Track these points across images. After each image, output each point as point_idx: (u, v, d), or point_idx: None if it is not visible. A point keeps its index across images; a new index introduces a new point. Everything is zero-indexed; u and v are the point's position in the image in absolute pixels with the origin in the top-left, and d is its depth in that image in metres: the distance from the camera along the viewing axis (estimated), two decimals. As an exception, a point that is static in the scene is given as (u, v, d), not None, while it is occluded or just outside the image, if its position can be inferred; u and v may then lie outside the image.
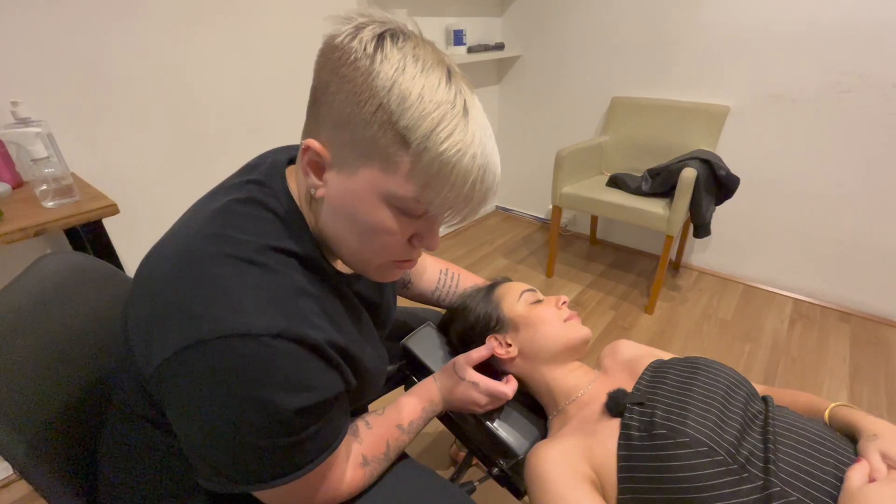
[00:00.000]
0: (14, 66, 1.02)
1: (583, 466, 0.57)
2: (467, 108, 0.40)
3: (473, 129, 0.40)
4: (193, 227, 0.44)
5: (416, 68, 0.38)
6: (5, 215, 0.85)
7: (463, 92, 0.40)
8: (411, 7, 1.87)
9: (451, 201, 0.41)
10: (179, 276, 0.41)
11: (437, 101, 0.38)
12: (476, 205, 0.43)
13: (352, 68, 0.38)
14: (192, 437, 0.42)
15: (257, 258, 0.42)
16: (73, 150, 1.12)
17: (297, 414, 0.42)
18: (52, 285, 0.61)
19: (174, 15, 1.24)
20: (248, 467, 0.43)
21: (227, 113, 1.45)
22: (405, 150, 0.38)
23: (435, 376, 0.70)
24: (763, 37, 1.70)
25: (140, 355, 0.43)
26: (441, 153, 0.38)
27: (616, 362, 0.74)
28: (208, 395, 0.39)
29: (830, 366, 1.58)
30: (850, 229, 1.76)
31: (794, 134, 1.75)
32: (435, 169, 0.39)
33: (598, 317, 1.86)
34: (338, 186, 0.42)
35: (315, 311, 0.45)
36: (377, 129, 0.38)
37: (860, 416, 0.55)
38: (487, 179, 0.42)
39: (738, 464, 0.50)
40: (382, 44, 0.38)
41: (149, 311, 0.41)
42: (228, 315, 0.39)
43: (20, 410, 0.50)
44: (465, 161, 0.39)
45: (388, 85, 0.37)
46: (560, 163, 1.86)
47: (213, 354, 0.38)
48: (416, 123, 0.37)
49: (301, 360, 0.42)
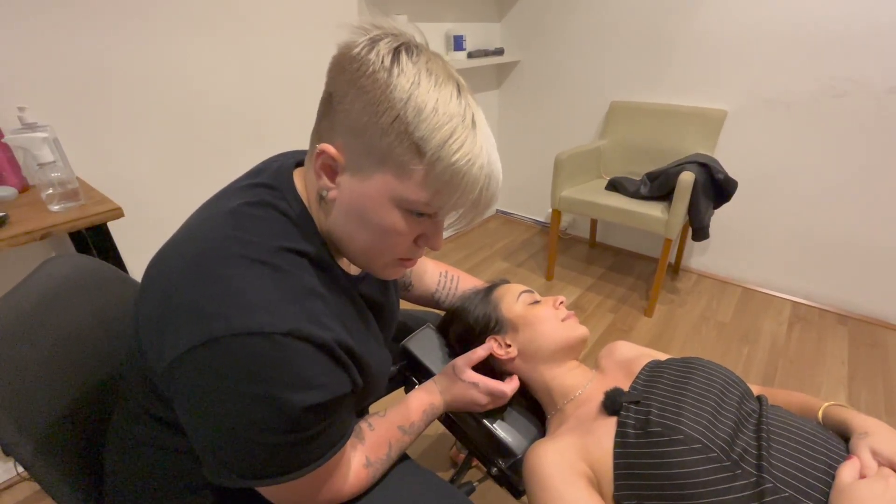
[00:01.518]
0: (21, 72, 1.04)
1: (580, 464, 0.58)
2: (475, 121, 0.43)
3: (481, 140, 0.43)
4: (205, 229, 0.46)
5: (430, 82, 0.41)
6: (12, 219, 0.87)
7: (471, 105, 0.43)
8: (411, 13, 1.89)
9: (459, 206, 0.44)
10: (192, 276, 0.42)
11: (449, 114, 0.41)
12: (482, 209, 0.46)
13: (370, 80, 0.40)
14: (200, 432, 0.43)
15: (269, 259, 0.43)
16: (78, 155, 1.14)
17: (305, 412, 0.43)
18: (59, 287, 0.62)
19: (178, 22, 1.26)
20: (254, 463, 0.44)
21: (230, 118, 1.47)
22: (420, 160, 0.41)
23: (435, 378, 0.71)
24: (759, 41, 1.72)
25: (151, 352, 0.44)
26: (453, 163, 0.41)
27: (613, 362, 0.75)
28: (218, 392, 0.40)
29: (828, 368, 1.59)
30: (847, 232, 1.77)
31: (791, 137, 1.77)
32: (447, 177, 0.42)
33: (598, 319, 1.87)
34: (351, 190, 0.44)
35: (324, 311, 0.46)
36: (394, 139, 0.41)
37: (852, 415, 0.56)
38: (492, 186, 0.45)
39: (732, 461, 0.51)
40: (398, 57, 0.41)
41: (161, 310, 0.43)
42: (239, 314, 0.40)
43: (27, 410, 0.51)
44: (474, 170, 0.42)
45: (404, 97, 0.40)
46: (559, 166, 1.87)
47: (223, 352, 0.39)
48: (431, 135, 0.40)
49: (310, 358, 0.43)
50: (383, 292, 0.65)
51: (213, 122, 1.43)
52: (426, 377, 0.74)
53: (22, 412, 0.50)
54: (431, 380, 0.71)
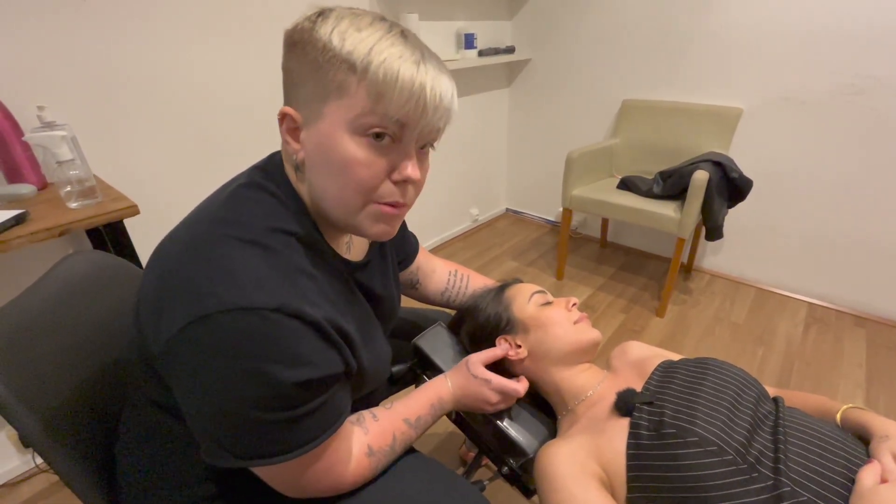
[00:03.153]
0: (40, 72, 1.06)
1: (592, 465, 0.57)
2: (405, 34, 0.44)
3: (412, 46, 0.44)
4: (202, 214, 0.48)
5: (350, 17, 0.44)
6: (31, 216, 0.88)
7: (399, 26, 0.45)
8: (423, 12, 1.89)
9: (405, 107, 0.43)
10: (186, 258, 0.44)
11: (373, 30, 0.43)
12: (431, 112, 0.44)
13: (299, 34, 0.44)
14: (195, 411, 0.44)
15: (260, 239, 0.45)
16: (95, 153, 1.16)
17: (295, 387, 0.43)
18: (78, 281, 0.64)
19: (191, 23, 1.28)
20: (248, 441, 0.44)
21: (242, 117, 1.48)
22: (353, 72, 0.42)
23: (447, 374, 0.71)
24: (775, 38, 1.69)
25: (150, 335, 0.45)
26: (384, 60, 0.42)
27: (625, 363, 0.74)
28: (210, 368, 0.41)
29: (846, 371, 1.56)
30: (865, 232, 1.74)
31: (808, 136, 1.74)
32: (381, 76, 0.42)
33: (609, 319, 1.85)
34: (313, 141, 0.46)
35: (314, 290, 0.47)
36: (327, 66, 0.42)
37: (871, 417, 0.55)
38: (438, 86, 0.44)
39: (748, 463, 0.50)
40: (323, 11, 0.45)
41: (158, 292, 0.44)
42: (230, 291, 0.41)
43: (45, 399, 0.52)
44: (407, 66, 0.42)
45: (329, 30, 0.43)
46: (570, 165, 1.86)
47: (214, 328, 0.40)
48: (358, 46, 0.42)
49: (300, 335, 0.44)
50: (383, 284, 0.65)
51: (226, 120, 1.44)
52: (437, 374, 0.74)
53: (40, 401, 0.51)
54: (443, 374, 0.71)
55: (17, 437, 1.21)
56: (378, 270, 0.65)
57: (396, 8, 1.80)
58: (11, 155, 0.98)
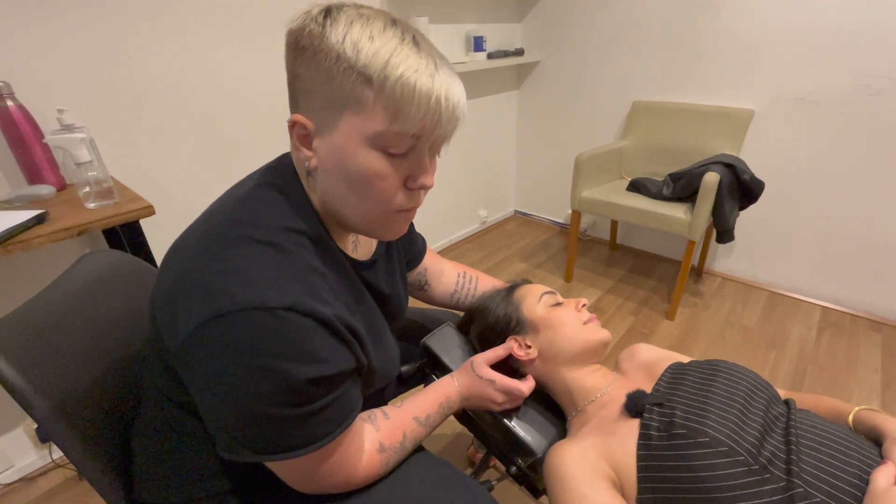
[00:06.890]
0: (60, 76, 1.09)
1: (602, 465, 0.57)
2: (417, 41, 0.44)
3: (426, 55, 0.43)
4: (216, 215, 0.49)
5: (361, 21, 0.43)
6: (51, 216, 0.91)
7: (409, 30, 0.44)
8: (432, 14, 1.90)
9: (421, 121, 0.43)
10: (201, 258, 0.44)
11: (386, 39, 0.42)
12: (445, 123, 0.45)
13: (308, 39, 0.43)
14: (211, 408, 0.45)
15: (272, 239, 0.46)
16: (112, 155, 1.19)
17: (308, 384, 0.44)
18: (96, 280, 0.65)
19: (207, 27, 1.30)
20: (263, 437, 0.45)
21: (258, 120, 1.50)
22: (370, 86, 0.42)
23: (453, 374, 0.72)
24: (788, 39, 1.67)
25: (165, 333, 0.46)
26: (400, 75, 0.41)
27: (634, 365, 0.74)
28: (225, 366, 0.42)
29: (861, 376, 1.53)
30: (881, 235, 1.71)
31: (823, 137, 1.71)
32: (398, 92, 0.42)
33: (618, 322, 1.84)
34: (326, 150, 0.46)
35: (325, 288, 0.48)
36: (342, 78, 0.42)
37: (885, 419, 0.55)
38: (452, 96, 0.44)
39: (760, 464, 0.50)
40: (329, 13, 0.43)
41: (173, 292, 0.45)
42: (244, 290, 0.42)
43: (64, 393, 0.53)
44: (423, 79, 0.42)
45: (340, 38, 0.42)
46: (579, 167, 1.86)
47: (229, 326, 0.41)
48: (373, 59, 0.41)
49: (312, 332, 0.45)
50: (390, 283, 0.66)
51: (241, 123, 1.47)
52: (445, 374, 0.75)
53: (61, 395, 0.52)
54: (449, 374, 0.72)
55: (34, 433, 1.24)
56: (384, 270, 0.66)
57: (406, 11, 1.82)
58: (32, 156, 1.01)
